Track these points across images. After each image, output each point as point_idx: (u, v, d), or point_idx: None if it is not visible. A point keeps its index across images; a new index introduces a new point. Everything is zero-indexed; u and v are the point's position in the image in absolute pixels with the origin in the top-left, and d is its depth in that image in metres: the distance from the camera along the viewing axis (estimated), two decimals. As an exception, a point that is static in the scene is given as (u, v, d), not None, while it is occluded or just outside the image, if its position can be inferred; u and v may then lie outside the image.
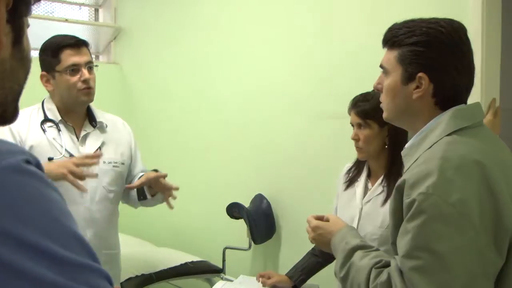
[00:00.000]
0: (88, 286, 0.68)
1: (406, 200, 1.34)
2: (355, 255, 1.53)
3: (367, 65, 1.56)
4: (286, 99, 3.11)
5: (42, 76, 2.40)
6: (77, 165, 2.16)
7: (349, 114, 2.17)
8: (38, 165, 0.72)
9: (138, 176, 2.57)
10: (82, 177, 2.16)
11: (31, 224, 0.66)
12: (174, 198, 2.48)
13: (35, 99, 2.44)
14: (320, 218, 1.83)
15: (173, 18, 3.88)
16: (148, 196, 2.50)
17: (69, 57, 2.36)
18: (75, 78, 2.35)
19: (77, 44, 2.40)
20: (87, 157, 2.24)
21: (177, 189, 2.48)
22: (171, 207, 2.48)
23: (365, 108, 2.05)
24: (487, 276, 1.31)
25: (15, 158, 0.69)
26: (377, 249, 1.56)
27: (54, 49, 2.37)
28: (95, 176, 2.26)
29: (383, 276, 1.38)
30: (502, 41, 2.32)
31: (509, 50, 2.41)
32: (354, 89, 2.17)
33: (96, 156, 2.28)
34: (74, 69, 2.36)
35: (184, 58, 3.81)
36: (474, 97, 2.23)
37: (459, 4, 2.32)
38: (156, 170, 2.52)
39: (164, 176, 2.45)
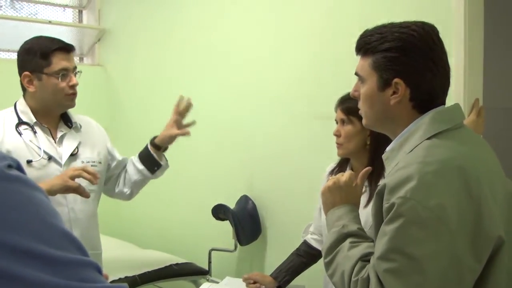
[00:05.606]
0: (82, 281, 0.70)
1: (385, 205, 1.33)
2: (347, 240, 1.48)
3: (354, 67, 1.55)
4: (271, 100, 3.10)
5: (25, 76, 2.34)
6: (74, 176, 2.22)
7: (336, 111, 2.17)
8: (19, 167, 0.73)
9: (128, 162, 2.67)
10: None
11: (22, 230, 0.68)
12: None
13: (7, 101, 2.43)
14: None
15: (157, 20, 3.87)
16: (162, 162, 2.65)
17: (60, 61, 2.34)
18: (63, 83, 2.34)
19: (67, 48, 2.39)
20: (84, 171, 2.24)
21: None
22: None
23: (351, 105, 2.05)
24: (462, 281, 1.30)
25: None
26: (372, 240, 1.47)
27: (44, 50, 2.33)
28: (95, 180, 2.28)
29: (365, 273, 1.36)
30: (484, 41, 2.33)
31: (491, 49, 2.42)
32: (340, 90, 2.17)
33: (93, 174, 2.27)
34: (64, 73, 2.34)
35: (168, 60, 3.80)
36: (457, 96, 2.28)
37: (442, 4, 2.33)
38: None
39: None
